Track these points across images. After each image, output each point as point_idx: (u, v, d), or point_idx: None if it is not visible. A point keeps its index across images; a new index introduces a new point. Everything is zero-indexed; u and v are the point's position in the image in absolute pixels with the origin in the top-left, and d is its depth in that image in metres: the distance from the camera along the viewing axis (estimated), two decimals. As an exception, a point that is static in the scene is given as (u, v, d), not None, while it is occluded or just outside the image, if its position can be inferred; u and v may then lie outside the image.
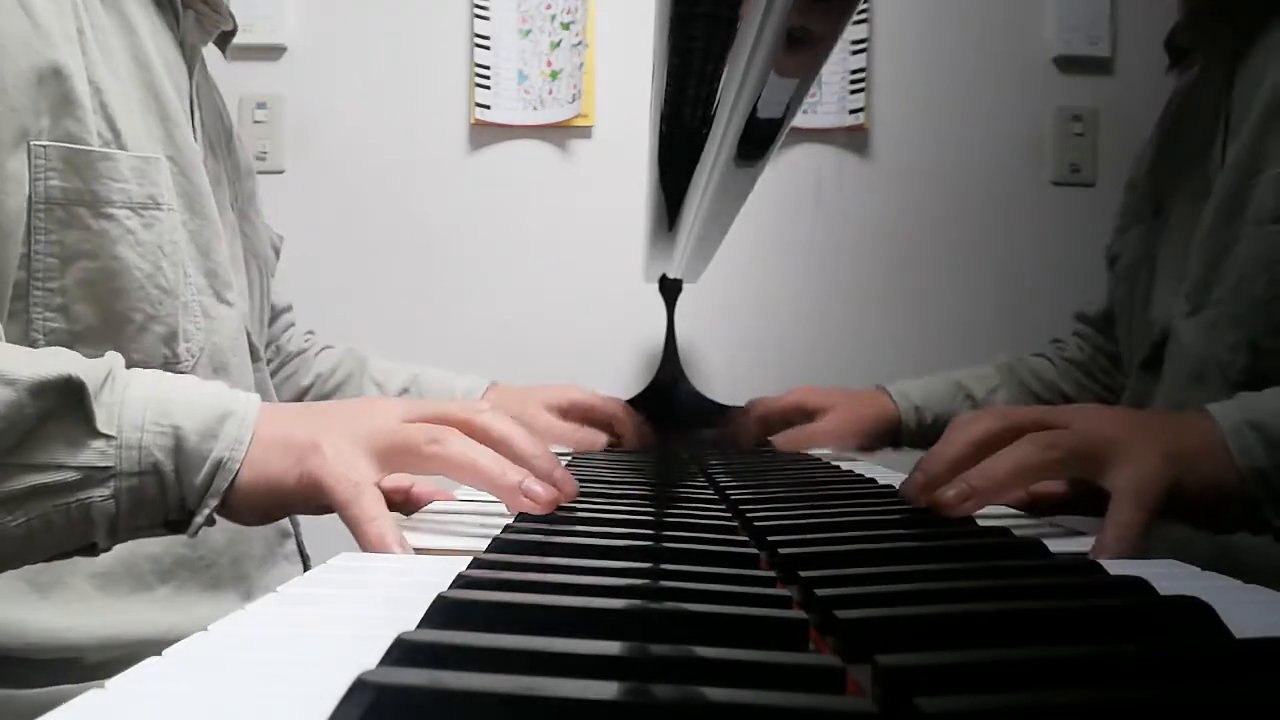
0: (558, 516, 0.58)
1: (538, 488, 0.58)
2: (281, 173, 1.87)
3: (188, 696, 0.28)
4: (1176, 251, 0.91)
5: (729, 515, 0.62)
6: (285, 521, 0.94)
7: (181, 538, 0.58)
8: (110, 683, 0.28)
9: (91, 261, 0.70)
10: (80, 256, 0.70)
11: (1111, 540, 0.55)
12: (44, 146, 0.68)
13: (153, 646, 0.81)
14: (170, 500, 0.57)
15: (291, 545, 0.95)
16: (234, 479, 0.56)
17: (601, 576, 0.41)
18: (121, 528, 0.56)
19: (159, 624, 0.78)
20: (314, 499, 0.57)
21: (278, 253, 1.00)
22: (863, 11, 1.84)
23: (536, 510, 0.57)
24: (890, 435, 1.18)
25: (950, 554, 0.51)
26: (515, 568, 0.43)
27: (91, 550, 0.57)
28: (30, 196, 0.67)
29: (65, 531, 0.55)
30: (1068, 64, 1.88)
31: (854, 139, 1.88)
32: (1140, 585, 0.39)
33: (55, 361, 0.54)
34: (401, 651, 0.29)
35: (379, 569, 0.49)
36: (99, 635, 0.75)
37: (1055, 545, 0.51)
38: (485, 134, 1.87)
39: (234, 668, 0.31)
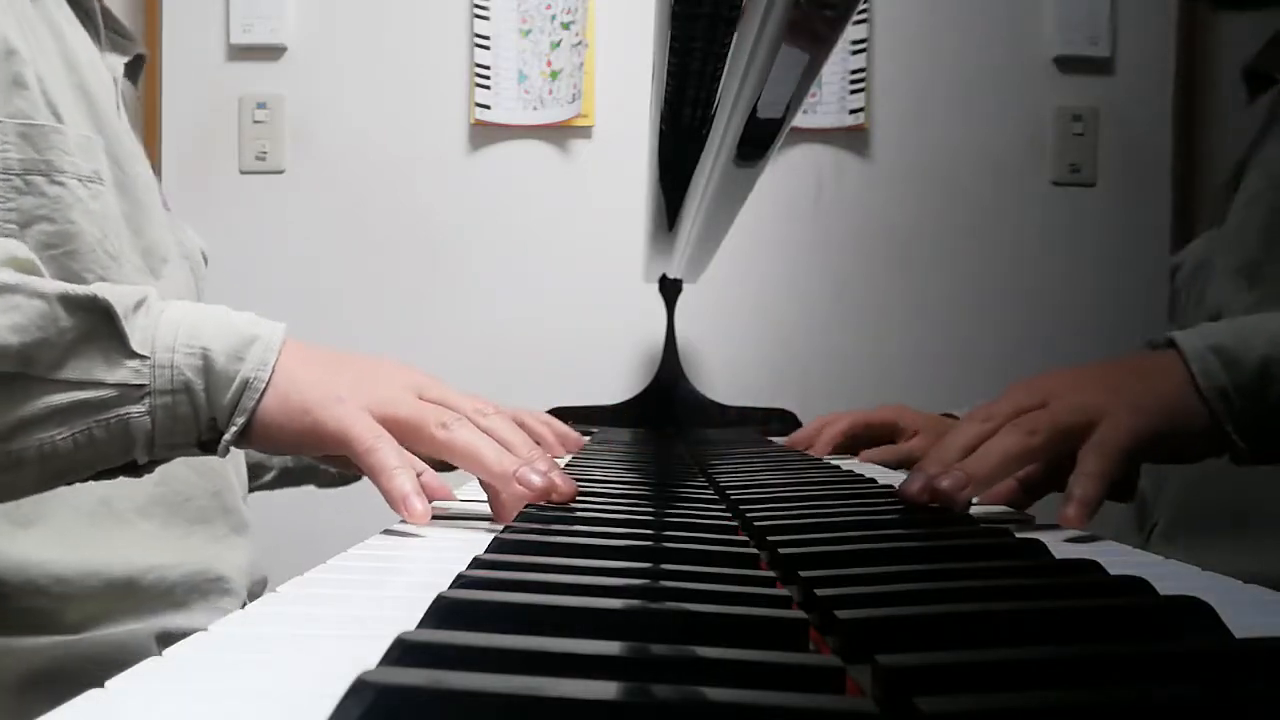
0: (558, 516, 0.58)
1: (534, 476, 0.60)
2: (281, 173, 1.88)
3: (188, 696, 0.28)
4: (1234, 246, 0.91)
5: (729, 515, 0.62)
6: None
7: (151, 476, 0.61)
8: (110, 683, 0.28)
9: (49, 225, 0.74)
10: (38, 220, 0.73)
11: (1077, 493, 0.59)
12: (0, 122, 0.72)
13: (132, 589, 0.81)
14: (202, 419, 0.60)
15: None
16: (259, 401, 0.60)
17: (601, 576, 0.41)
18: (159, 444, 0.60)
19: (139, 561, 0.79)
20: (334, 444, 0.61)
21: (206, 260, 1.02)
22: (863, 11, 1.84)
23: (530, 498, 0.59)
24: None
25: (950, 554, 0.51)
26: (515, 568, 0.43)
27: (134, 469, 0.61)
28: None
29: (107, 446, 0.59)
30: (1068, 64, 1.88)
31: (854, 139, 1.88)
32: (1140, 585, 0.39)
33: (86, 287, 0.58)
34: (401, 651, 0.29)
35: (378, 569, 0.49)
36: (81, 568, 0.76)
37: (1045, 536, 0.52)
38: (485, 134, 1.88)
39: (234, 668, 0.31)
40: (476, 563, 0.42)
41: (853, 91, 1.85)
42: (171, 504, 0.83)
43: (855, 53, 1.84)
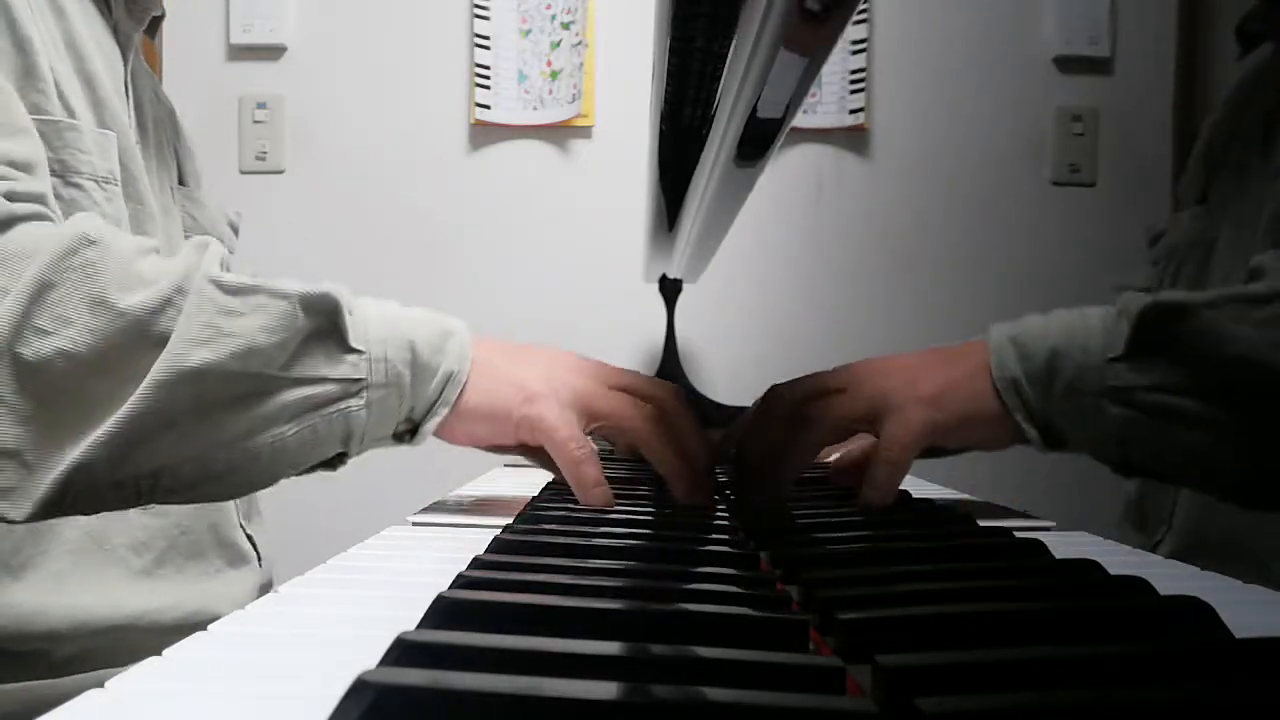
0: (557, 516, 0.59)
1: (699, 498, 0.65)
2: (281, 173, 1.87)
3: (187, 697, 0.28)
4: (1238, 236, 0.91)
5: (729, 515, 0.62)
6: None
7: (151, 508, 0.61)
8: (110, 683, 0.28)
9: None
10: None
11: (868, 490, 0.62)
12: None
13: (125, 632, 0.79)
14: (404, 411, 0.62)
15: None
16: (461, 392, 0.62)
17: (601, 577, 0.41)
18: (367, 437, 0.62)
19: (131, 607, 0.77)
20: (534, 440, 0.64)
21: (236, 230, 0.99)
22: (863, 11, 1.84)
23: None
24: None
25: (950, 554, 0.51)
26: (515, 568, 0.43)
27: (337, 460, 0.63)
28: None
29: (327, 441, 0.60)
30: (1068, 64, 1.87)
31: (854, 139, 1.88)
32: (1140, 585, 0.39)
33: (319, 285, 0.60)
34: (401, 651, 0.29)
35: (378, 569, 0.49)
36: (74, 616, 0.74)
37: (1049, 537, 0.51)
38: (485, 134, 1.87)
39: (234, 668, 0.31)
40: (476, 563, 0.42)
41: (853, 91, 1.84)
42: (169, 536, 0.81)
43: (855, 53, 1.84)
